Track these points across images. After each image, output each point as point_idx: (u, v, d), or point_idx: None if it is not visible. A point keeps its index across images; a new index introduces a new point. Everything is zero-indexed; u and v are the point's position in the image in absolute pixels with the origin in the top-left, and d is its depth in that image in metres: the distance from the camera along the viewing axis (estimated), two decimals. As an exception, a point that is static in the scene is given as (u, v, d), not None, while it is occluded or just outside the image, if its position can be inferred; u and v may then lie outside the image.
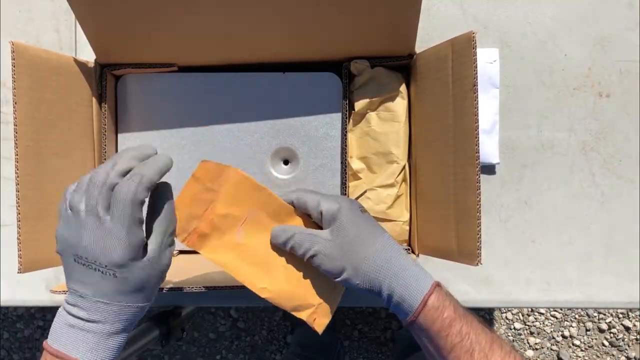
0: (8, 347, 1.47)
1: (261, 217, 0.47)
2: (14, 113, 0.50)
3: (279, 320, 1.46)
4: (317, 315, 0.47)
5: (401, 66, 0.63)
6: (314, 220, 0.49)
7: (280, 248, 0.48)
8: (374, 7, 0.53)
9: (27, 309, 1.46)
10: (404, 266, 0.45)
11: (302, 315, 0.47)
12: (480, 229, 0.49)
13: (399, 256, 0.45)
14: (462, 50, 0.50)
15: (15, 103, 0.50)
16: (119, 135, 0.64)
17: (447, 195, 0.54)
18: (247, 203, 0.47)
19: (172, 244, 0.42)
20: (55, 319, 0.40)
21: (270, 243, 0.48)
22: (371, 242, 0.45)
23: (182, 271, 0.60)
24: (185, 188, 0.47)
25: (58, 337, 0.39)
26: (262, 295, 0.46)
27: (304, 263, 0.47)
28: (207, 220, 0.46)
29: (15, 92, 0.50)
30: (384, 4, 0.52)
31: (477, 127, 0.49)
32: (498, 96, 0.68)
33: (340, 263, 0.45)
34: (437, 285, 0.45)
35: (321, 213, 0.46)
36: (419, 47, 0.60)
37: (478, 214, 0.49)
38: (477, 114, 0.49)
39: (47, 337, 0.40)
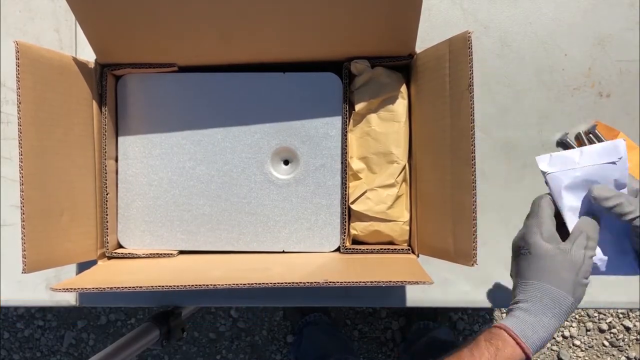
0: (8, 347, 1.47)
1: None
2: (18, 112, 0.50)
3: (279, 320, 1.46)
4: None
5: (401, 66, 0.63)
6: None
7: None
8: (374, 7, 0.53)
9: (28, 308, 1.46)
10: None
11: None
12: (475, 229, 0.49)
13: None
14: (459, 50, 0.51)
15: (20, 103, 0.50)
16: (119, 136, 0.64)
17: (445, 195, 0.54)
18: None
19: (588, 247, 0.51)
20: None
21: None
22: None
23: (181, 271, 0.60)
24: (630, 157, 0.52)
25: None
26: None
27: None
28: None
29: (19, 92, 0.50)
30: (384, 4, 0.53)
31: (473, 126, 0.49)
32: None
33: None
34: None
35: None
36: (419, 47, 0.60)
37: (474, 214, 0.49)
38: (472, 114, 0.49)
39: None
